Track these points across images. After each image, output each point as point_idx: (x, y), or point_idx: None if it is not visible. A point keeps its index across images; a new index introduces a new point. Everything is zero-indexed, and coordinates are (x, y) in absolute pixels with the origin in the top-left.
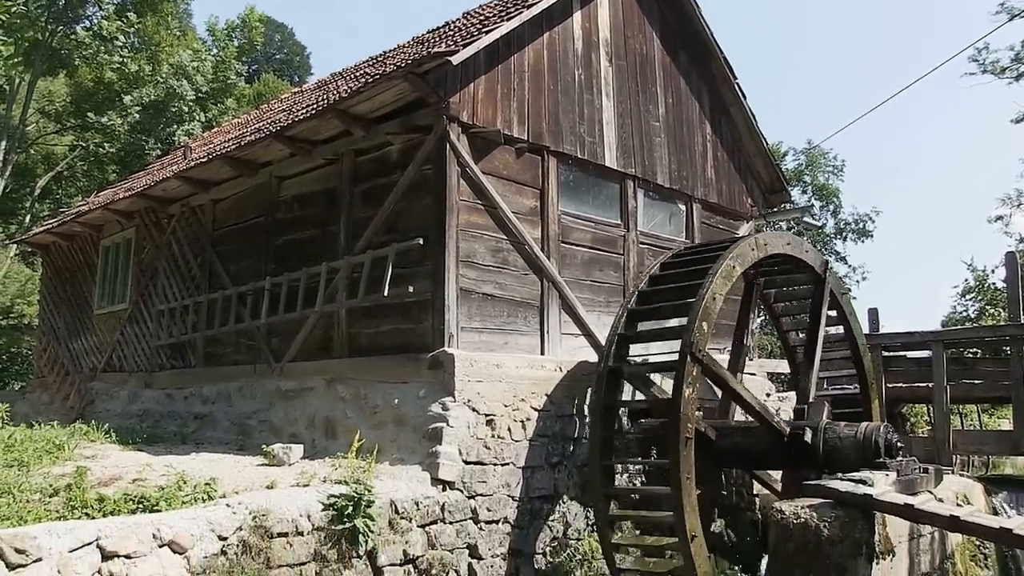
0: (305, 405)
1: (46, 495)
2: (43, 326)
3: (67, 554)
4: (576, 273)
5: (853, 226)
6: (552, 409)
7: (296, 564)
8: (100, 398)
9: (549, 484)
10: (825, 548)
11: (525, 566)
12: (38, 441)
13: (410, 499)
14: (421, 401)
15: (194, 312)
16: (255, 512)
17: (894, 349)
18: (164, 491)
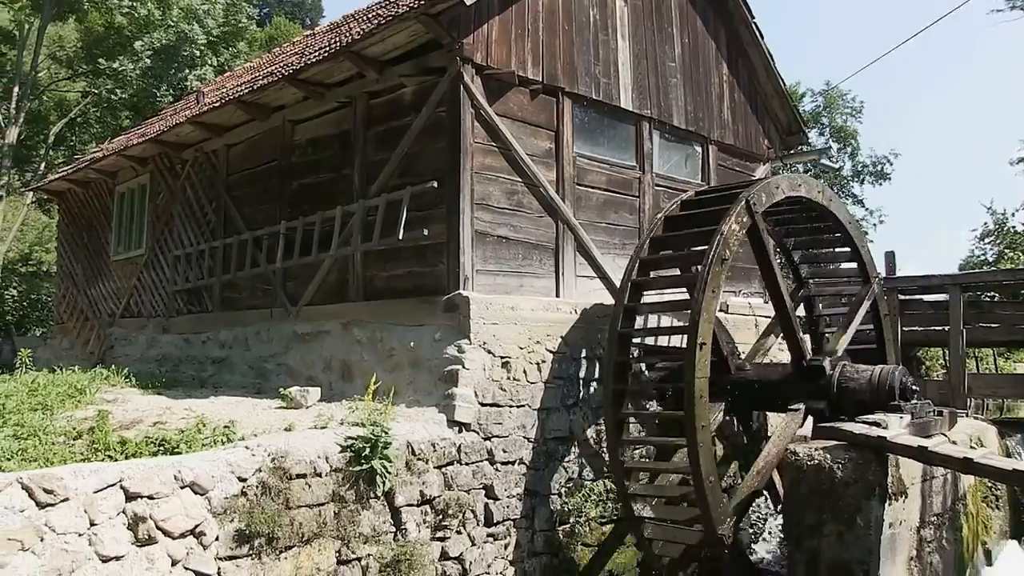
0: (321, 348)
1: (70, 438)
2: (61, 273)
3: (92, 495)
4: (591, 215)
5: (871, 169)
6: (567, 351)
7: (315, 505)
8: (119, 343)
9: (565, 425)
10: (838, 489)
11: (541, 506)
12: (60, 385)
13: (427, 441)
14: (437, 344)
15: (210, 257)
16: (274, 454)
17: (910, 292)
18: (184, 434)
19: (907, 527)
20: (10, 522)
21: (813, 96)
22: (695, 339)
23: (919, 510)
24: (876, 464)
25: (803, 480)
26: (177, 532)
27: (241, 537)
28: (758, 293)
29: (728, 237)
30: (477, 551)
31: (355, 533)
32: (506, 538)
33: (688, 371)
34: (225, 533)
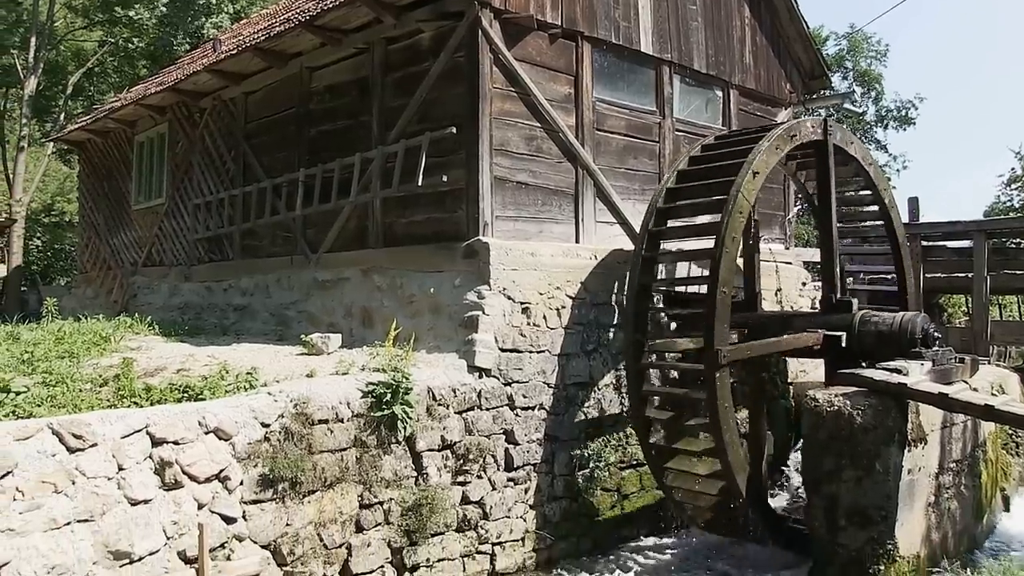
0: (342, 295)
1: (96, 385)
2: (83, 223)
3: (120, 440)
4: (611, 161)
5: (895, 113)
6: (587, 297)
7: (337, 450)
8: (142, 292)
9: (584, 371)
10: (858, 436)
11: (560, 451)
12: (86, 334)
13: (447, 386)
14: (457, 290)
15: (230, 205)
16: (296, 400)
17: (934, 239)
18: (207, 380)
19: (926, 473)
20: (43, 466)
21: (837, 40)
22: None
23: (938, 457)
24: (896, 411)
25: (822, 426)
26: (202, 477)
27: (265, 481)
28: (779, 239)
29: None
30: (497, 495)
31: (377, 478)
32: (526, 483)
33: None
34: (249, 478)
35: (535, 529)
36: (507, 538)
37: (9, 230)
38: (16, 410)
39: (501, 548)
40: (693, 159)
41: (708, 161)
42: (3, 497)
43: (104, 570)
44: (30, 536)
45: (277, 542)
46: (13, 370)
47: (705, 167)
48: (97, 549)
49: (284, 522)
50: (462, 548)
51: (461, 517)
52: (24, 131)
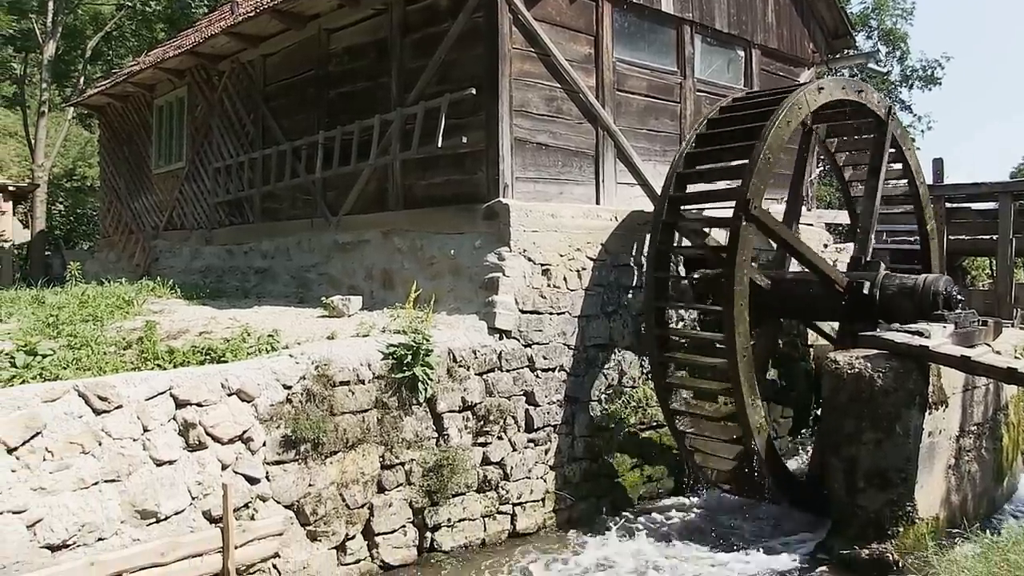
0: (362, 257)
1: (120, 348)
2: (105, 187)
3: (144, 402)
4: (631, 122)
5: (920, 73)
6: (607, 259)
7: (358, 411)
8: (164, 255)
9: (604, 333)
10: (878, 398)
11: (580, 412)
12: (109, 297)
13: (468, 348)
14: (477, 252)
15: (249, 169)
16: (317, 362)
17: (958, 201)
18: (230, 343)
19: (946, 436)
20: (70, 427)
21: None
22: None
23: (959, 419)
24: (917, 373)
25: (842, 388)
26: (226, 438)
27: (287, 443)
28: None
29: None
30: (518, 456)
31: (398, 439)
32: (546, 444)
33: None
34: (272, 439)
35: (555, 490)
36: (527, 499)
37: (32, 195)
38: (43, 373)
39: (522, 508)
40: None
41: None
42: (33, 457)
43: (132, 528)
44: (61, 495)
45: (300, 502)
46: (39, 333)
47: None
48: (124, 508)
49: (307, 483)
50: (483, 508)
51: (482, 478)
52: (44, 96)
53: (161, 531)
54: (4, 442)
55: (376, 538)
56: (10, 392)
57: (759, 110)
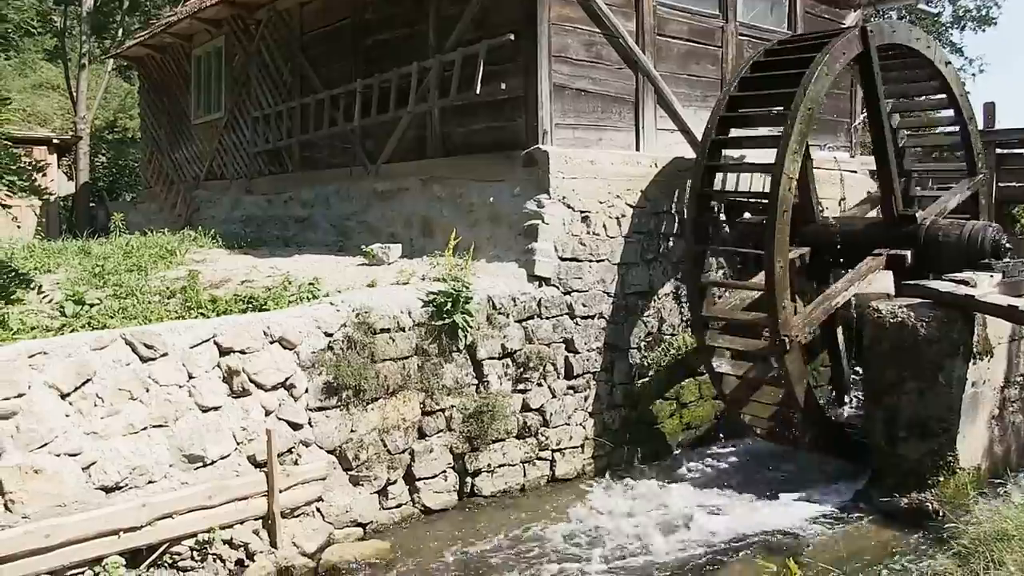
0: (401, 205)
1: (164, 297)
2: (145, 138)
3: (189, 350)
4: (672, 67)
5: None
6: (647, 206)
7: (399, 358)
8: (204, 205)
9: (644, 280)
10: (921, 347)
11: (620, 360)
12: (152, 247)
13: (507, 295)
14: (516, 199)
15: (288, 118)
16: (358, 309)
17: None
18: (271, 291)
19: (991, 386)
20: (119, 374)
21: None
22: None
23: (1004, 370)
24: (962, 323)
25: (885, 337)
26: (269, 384)
27: (329, 389)
28: (844, 147)
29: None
30: (557, 403)
31: (438, 385)
32: (586, 391)
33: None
34: (314, 386)
35: (594, 436)
36: (567, 445)
37: (75, 148)
38: (91, 321)
39: (561, 454)
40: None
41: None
42: (85, 403)
43: (180, 472)
44: (112, 439)
45: (342, 447)
46: (86, 283)
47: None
48: (172, 453)
49: (348, 428)
50: (523, 454)
51: (521, 424)
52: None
53: (208, 475)
54: (58, 388)
55: (417, 483)
56: (61, 340)
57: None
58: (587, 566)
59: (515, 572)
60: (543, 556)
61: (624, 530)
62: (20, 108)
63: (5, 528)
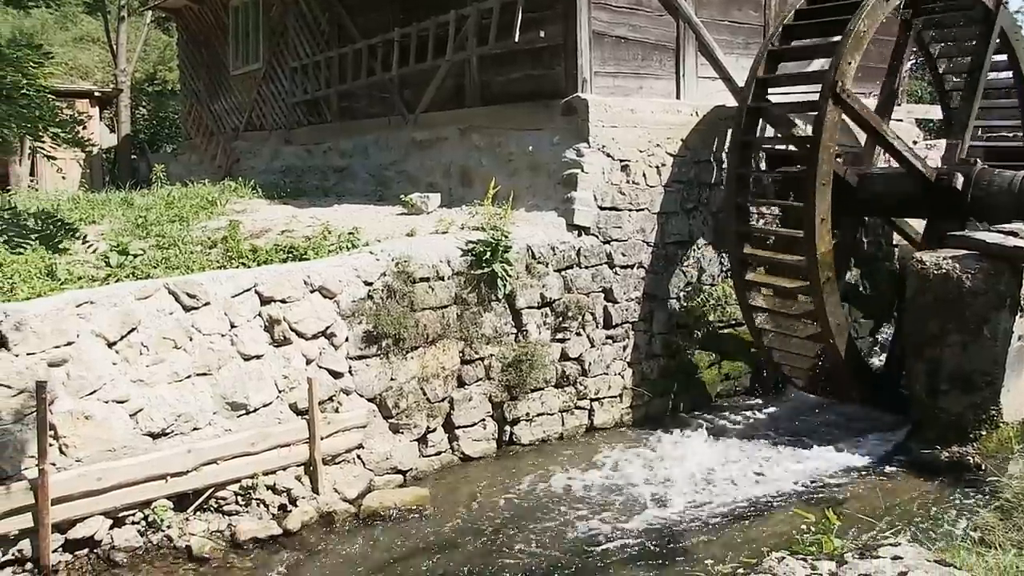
0: (440, 155)
1: (206, 247)
2: (185, 90)
3: (230, 299)
4: (713, 13)
5: None
6: (687, 155)
7: (438, 307)
8: (244, 156)
9: (684, 230)
10: (966, 300)
11: (659, 310)
12: (193, 198)
13: (546, 244)
14: (555, 148)
15: (326, 68)
16: (397, 258)
17: None
18: (311, 241)
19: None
20: (162, 323)
21: None
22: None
23: None
24: (1009, 275)
25: (928, 289)
26: (309, 333)
27: (369, 338)
28: None
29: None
30: (596, 352)
31: (477, 334)
32: (624, 340)
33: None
34: (354, 334)
35: (633, 386)
36: (605, 394)
37: (116, 100)
38: (135, 271)
39: (599, 404)
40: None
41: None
42: (131, 351)
43: (224, 419)
44: (157, 387)
45: (382, 395)
46: (130, 234)
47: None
48: (216, 400)
49: (388, 377)
50: (561, 403)
51: (560, 373)
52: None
53: (251, 422)
54: (104, 337)
55: (456, 431)
56: (107, 290)
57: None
58: (622, 515)
59: (552, 519)
60: (578, 504)
61: (660, 479)
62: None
63: (61, 470)
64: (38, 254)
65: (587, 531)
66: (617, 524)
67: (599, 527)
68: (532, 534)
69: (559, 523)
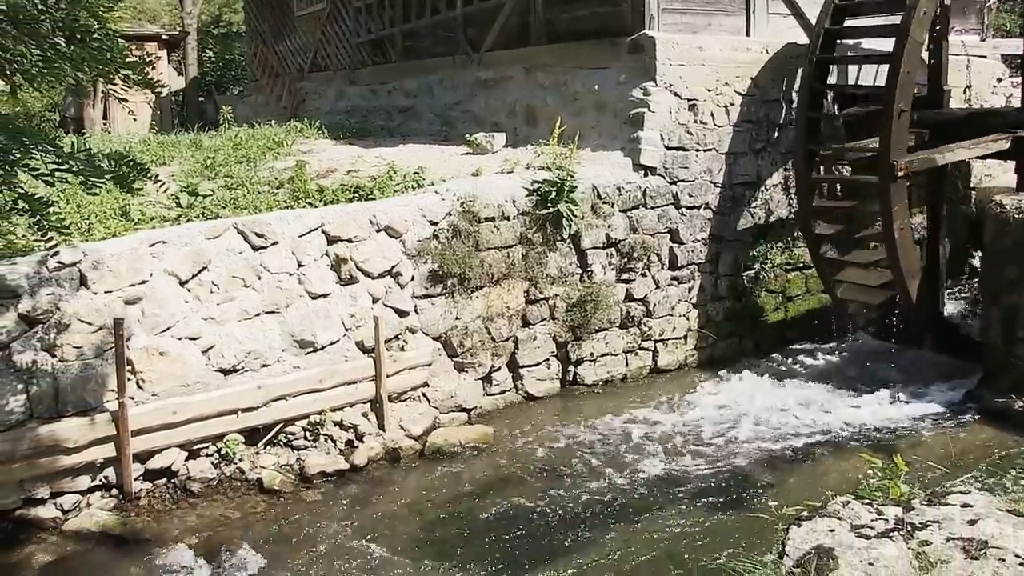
0: (505, 94)
1: (273, 187)
2: (250, 31)
3: (298, 238)
4: None
5: None
6: (757, 93)
7: (503, 247)
8: (310, 97)
9: (752, 170)
10: None
11: (725, 251)
12: (260, 139)
13: (612, 184)
14: (621, 86)
15: (390, 7)
16: (463, 198)
17: None
18: (376, 181)
19: None
20: (232, 262)
21: None
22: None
23: None
24: None
25: (1007, 233)
26: (375, 272)
27: (434, 277)
28: (973, 29)
29: None
30: (661, 293)
31: (542, 274)
32: (690, 282)
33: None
34: (419, 274)
35: (697, 328)
36: (669, 336)
37: (183, 43)
38: (204, 212)
39: (663, 345)
40: None
41: None
42: (202, 290)
43: (292, 356)
44: (228, 324)
45: (447, 335)
46: (198, 175)
47: None
48: (284, 338)
49: (453, 316)
50: (625, 344)
51: (625, 314)
52: None
53: (318, 360)
54: (176, 275)
55: (520, 370)
56: (178, 230)
57: None
58: (685, 455)
59: (615, 457)
60: (641, 443)
61: (724, 421)
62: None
63: (139, 404)
64: (112, 195)
65: (650, 469)
66: (680, 463)
67: (662, 466)
68: (595, 471)
69: (622, 461)
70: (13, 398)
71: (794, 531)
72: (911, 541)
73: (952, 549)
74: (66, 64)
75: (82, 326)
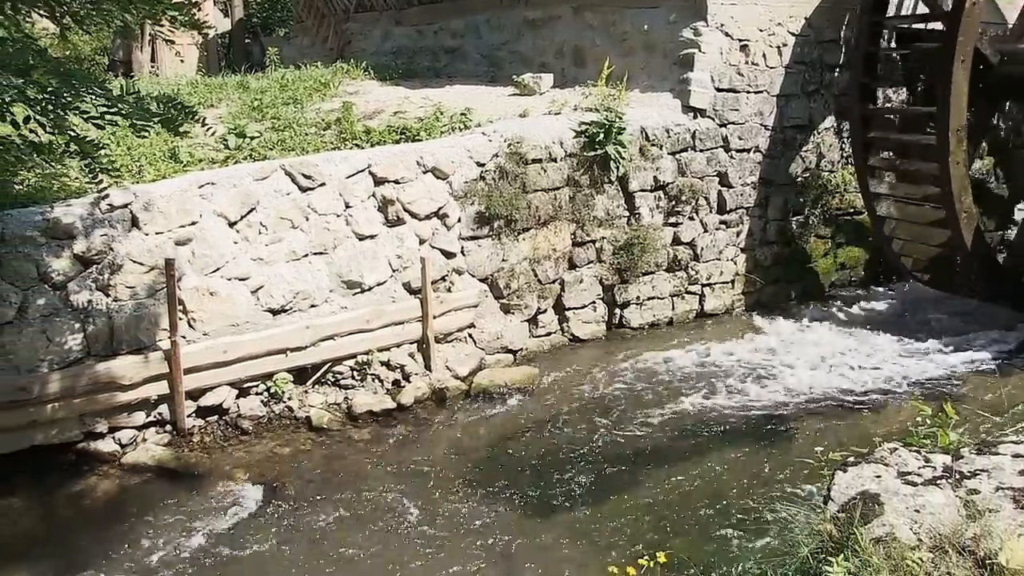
0: (553, 34)
1: (320, 128)
2: None
3: (345, 180)
4: None
5: None
6: (811, 34)
7: (550, 189)
8: (355, 38)
9: (804, 113)
10: None
11: (775, 196)
12: (306, 80)
13: (660, 126)
14: (671, 26)
15: None
16: (510, 139)
17: None
18: (423, 122)
19: None
20: (280, 203)
21: None
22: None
23: None
24: None
25: None
26: (422, 214)
27: (481, 219)
28: None
29: None
30: (709, 237)
31: (589, 217)
32: (738, 226)
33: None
34: (466, 215)
35: (745, 272)
36: (716, 280)
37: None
38: (252, 153)
39: (710, 289)
40: None
41: None
42: (251, 231)
43: (340, 297)
44: (276, 265)
45: (493, 276)
46: (246, 117)
47: None
48: (332, 279)
49: (500, 258)
50: (672, 288)
51: (672, 257)
52: None
53: (365, 300)
54: (225, 216)
55: (566, 313)
56: (226, 171)
57: None
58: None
59: (660, 399)
60: (687, 386)
61: (771, 366)
62: None
63: (190, 343)
64: (162, 137)
65: (697, 412)
66: (727, 407)
67: (708, 408)
68: (640, 413)
69: (668, 404)
70: (71, 336)
71: (840, 476)
72: (959, 489)
73: (1001, 498)
74: (114, 6)
75: (134, 266)
